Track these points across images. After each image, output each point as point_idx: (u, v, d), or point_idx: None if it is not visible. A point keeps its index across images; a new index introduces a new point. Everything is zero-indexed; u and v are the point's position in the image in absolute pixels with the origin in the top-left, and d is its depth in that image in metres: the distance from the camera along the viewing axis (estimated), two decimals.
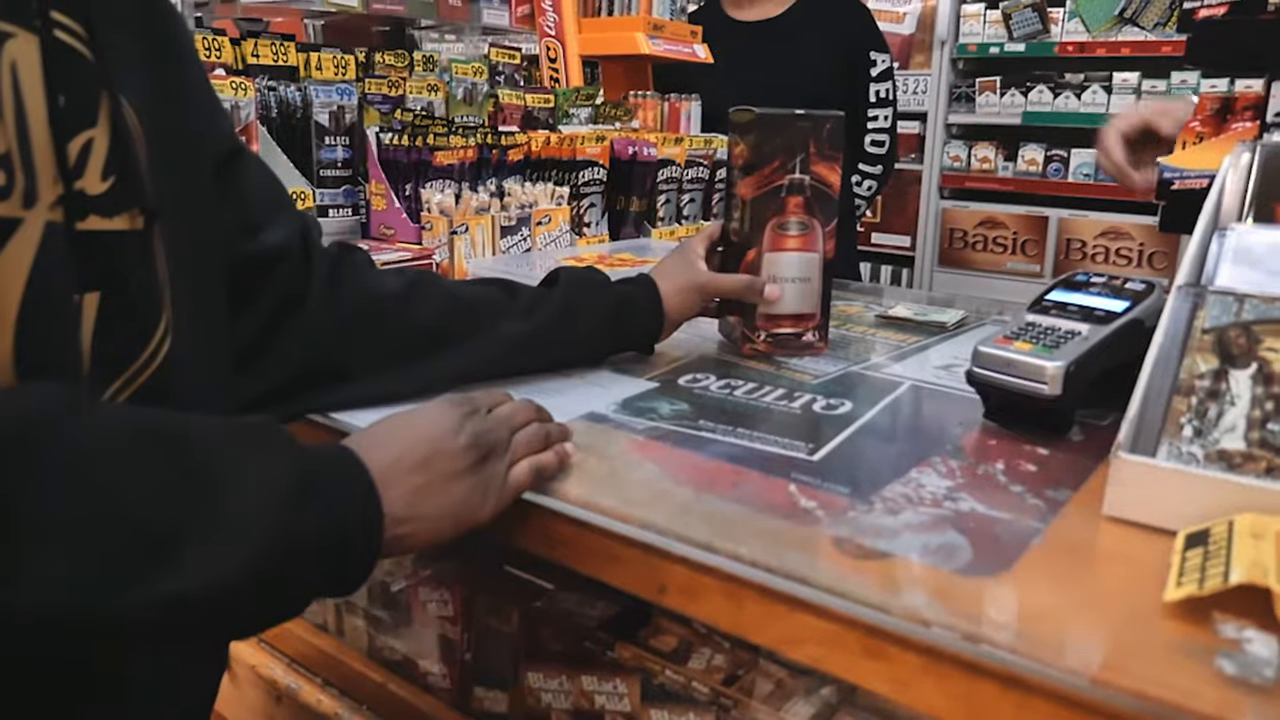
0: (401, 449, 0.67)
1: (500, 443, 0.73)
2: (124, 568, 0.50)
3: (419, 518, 0.65)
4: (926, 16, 3.45)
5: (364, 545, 0.62)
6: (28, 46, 0.56)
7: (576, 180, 1.44)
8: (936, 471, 0.79)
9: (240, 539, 0.54)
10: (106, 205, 0.63)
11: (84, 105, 0.61)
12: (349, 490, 0.62)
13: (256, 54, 1.38)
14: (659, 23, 1.82)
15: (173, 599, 0.51)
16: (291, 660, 1.06)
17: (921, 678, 0.58)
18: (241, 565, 0.54)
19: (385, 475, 0.64)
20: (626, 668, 0.80)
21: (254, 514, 0.55)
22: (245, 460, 0.57)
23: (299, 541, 0.57)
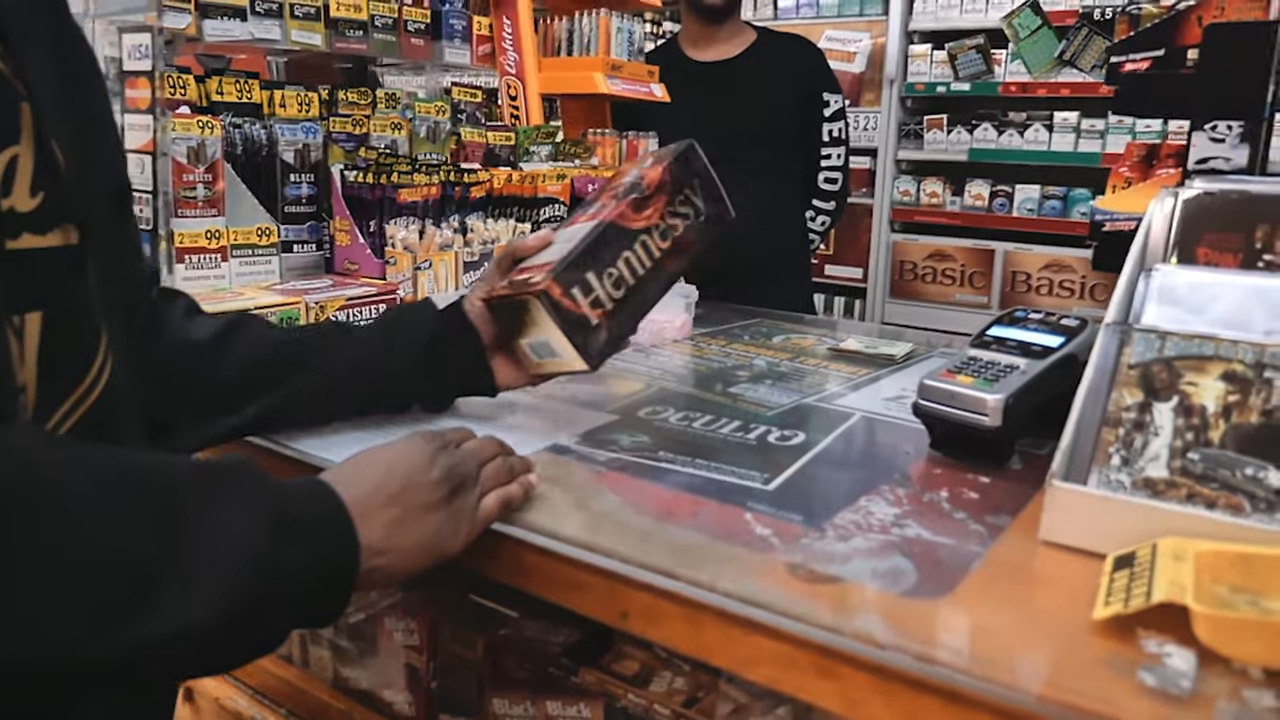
0: (376, 482, 0.68)
1: (470, 476, 0.74)
2: (97, 614, 0.50)
3: (395, 549, 0.67)
4: (876, 56, 3.56)
5: (342, 578, 0.63)
6: None
7: (538, 216, 1.48)
8: (885, 499, 0.83)
9: (215, 580, 0.54)
10: (39, 222, 0.61)
11: (5, 121, 0.59)
12: (326, 524, 0.63)
13: (221, 91, 1.40)
14: (617, 63, 1.87)
15: (145, 643, 0.51)
16: (255, 691, 1.07)
17: (871, 696, 0.62)
18: (216, 606, 0.54)
19: (361, 509, 0.65)
20: (590, 692, 0.82)
21: (229, 553, 0.55)
22: (220, 499, 0.57)
23: (276, 578, 0.57)
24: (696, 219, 0.99)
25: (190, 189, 1.21)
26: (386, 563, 0.66)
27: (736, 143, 2.31)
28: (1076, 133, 3.31)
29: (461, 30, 1.84)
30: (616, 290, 0.93)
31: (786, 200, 2.41)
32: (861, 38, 3.55)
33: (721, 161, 2.29)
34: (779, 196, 2.37)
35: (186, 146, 1.20)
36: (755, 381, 1.21)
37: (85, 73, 0.72)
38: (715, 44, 2.39)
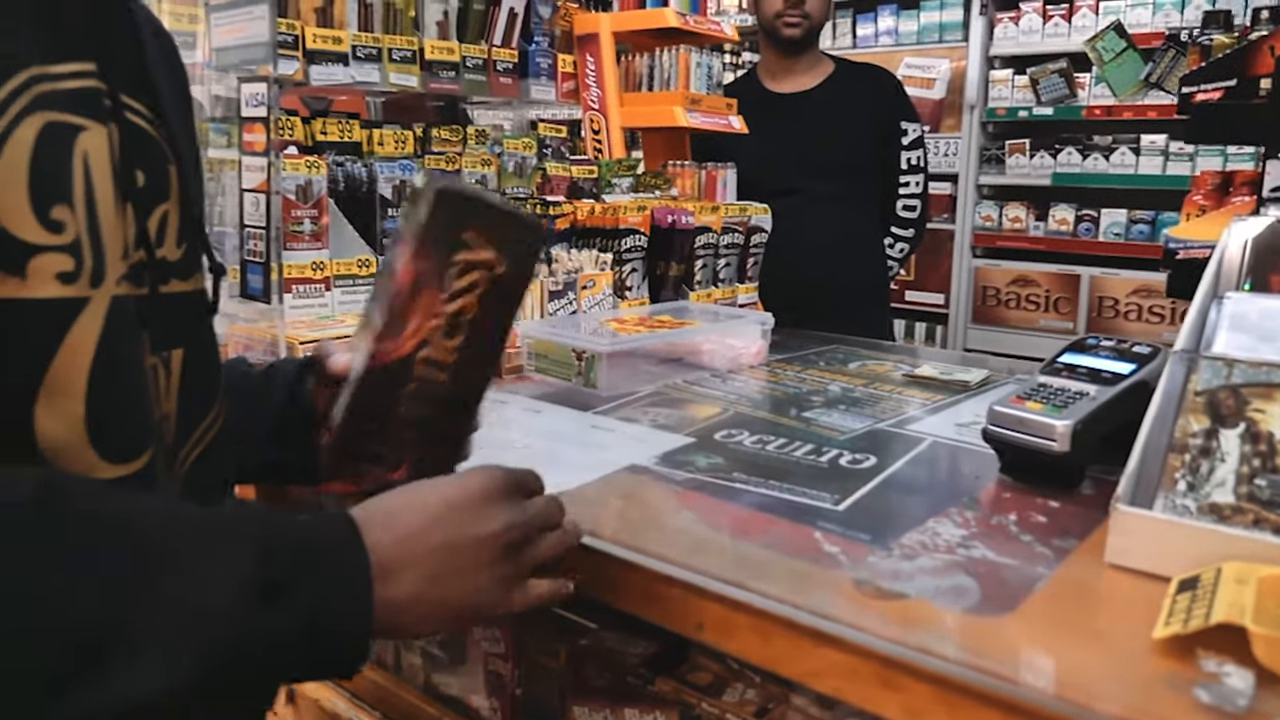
0: (420, 526, 0.63)
1: (531, 538, 0.69)
2: (32, 682, 0.48)
3: (425, 605, 0.62)
4: (956, 82, 3.55)
5: (348, 640, 0.59)
6: (98, 139, 0.59)
7: (619, 247, 1.54)
8: (952, 521, 0.85)
9: (175, 649, 0.51)
10: (183, 269, 0.69)
11: (159, 181, 0.66)
12: (331, 583, 0.58)
13: (325, 132, 1.50)
14: (696, 97, 1.93)
15: (85, 713, 0.48)
16: (352, 695, 1.14)
17: (932, 707, 0.65)
18: (175, 675, 0.51)
19: (391, 558, 0.61)
20: (666, 701, 0.86)
21: (194, 620, 0.52)
22: (201, 558, 0.54)
23: (250, 645, 0.54)
24: (497, 265, 0.74)
25: (298, 224, 1.30)
26: (412, 621, 0.62)
27: (813, 173, 2.35)
28: (1165, 155, 3.25)
29: (547, 68, 1.92)
30: (415, 430, 0.77)
31: (864, 229, 2.43)
32: (941, 64, 3.55)
33: (799, 191, 2.35)
34: (856, 225, 2.40)
35: (295, 185, 1.29)
36: (829, 406, 1.24)
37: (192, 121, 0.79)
38: (793, 75, 2.44)
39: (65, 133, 0.57)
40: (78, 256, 0.57)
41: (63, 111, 0.56)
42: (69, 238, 0.56)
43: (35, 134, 0.55)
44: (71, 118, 0.57)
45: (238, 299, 1.33)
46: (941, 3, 3.54)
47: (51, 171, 0.56)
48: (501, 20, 1.83)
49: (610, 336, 1.33)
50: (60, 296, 0.56)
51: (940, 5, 3.54)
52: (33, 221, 0.54)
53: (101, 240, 0.59)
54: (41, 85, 0.56)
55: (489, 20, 1.81)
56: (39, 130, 0.55)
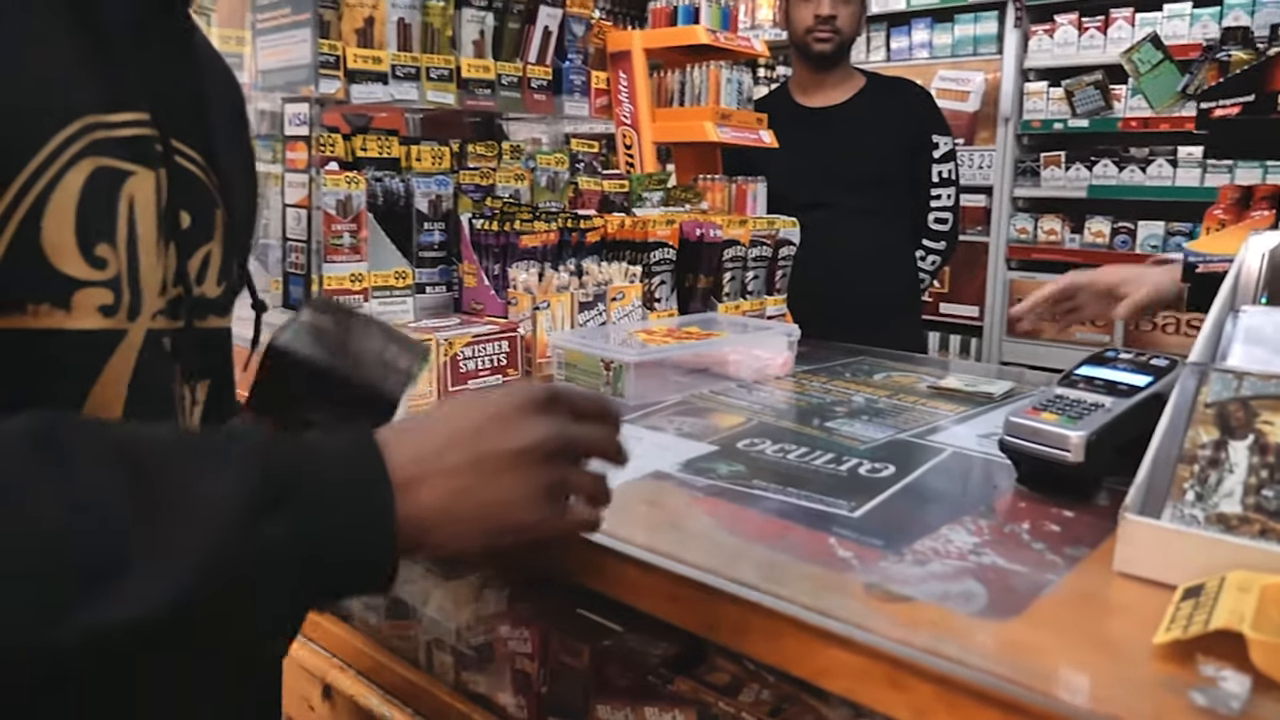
0: (446, 439, 0.61)
1: (570, 459, 0.66)
2: (41, 601, 0.48)
3: (454, 517, 0.60)
4: (990, 94, 3.55)
5: (368, 552, 0.57)
6: (146, 183, 0.64)
7: (648, 260, 1.57)
8: (965, 529, 0.87)
9: (176, 564, 0.50)
10: (220, 306, 0.74)
11: (204, 223, 0.71)
12: (346, 488, 0.57)
13: (365, 148, 1.55)
14: (727, 112, 1.96)
15: (95, 630, 0.49)
16: (386, 691, 1.18)
17: (937, 706, 0.67)
18: (176, 592, 0.50)
19: (417, 470, 0.59)
20: (685, 700, 0.89)
21: (193, 535, 0.51)
22: (202, 474, 0.53)
23: (255, 555, 0.53)
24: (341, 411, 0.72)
25: (338, 237, 1.35)
26: (444, 537, 0.60)
27: (844, 186, 2.37)
28: (1202, 167, 3.22)
29: (581, 85, 1.96)
30: None
31: (894, 241, 2.44)
32: (975, 77, 3.55)
33: (829, 205, 2.37)
34: (886, 238, 2.41)
35: (335, 200, 1.35)
36: (852, 417, 1.27)
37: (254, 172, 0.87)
38: (824, 90, 2.46)
39: (114, 177, 0.61)
40: (117, 291, 0.61)
41: (114, 158, 0.61)
42: (110, 274, 0.61)
43: (85, 178, 0.59)
44: (122, 163, 0.62)
45: (279, 309, 1.38)
46: (976, 16, 3.54)
47: (98, 213, 0.60)
48: (536, 38, 1.87)
49: (638, 347, 1.36)
50: (101, 328, 0.61)
51: (975, 18, 3.55)
52: (78, 258, 0.59)
53: (140, 277, 0.63)
54: (97, 133, 0.60)
55: (524, 39, 1.86)
56: (89, 174, 0.59)
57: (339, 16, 1.53)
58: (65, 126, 0.58)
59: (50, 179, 0.58)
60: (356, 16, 1.55)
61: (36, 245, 0.57)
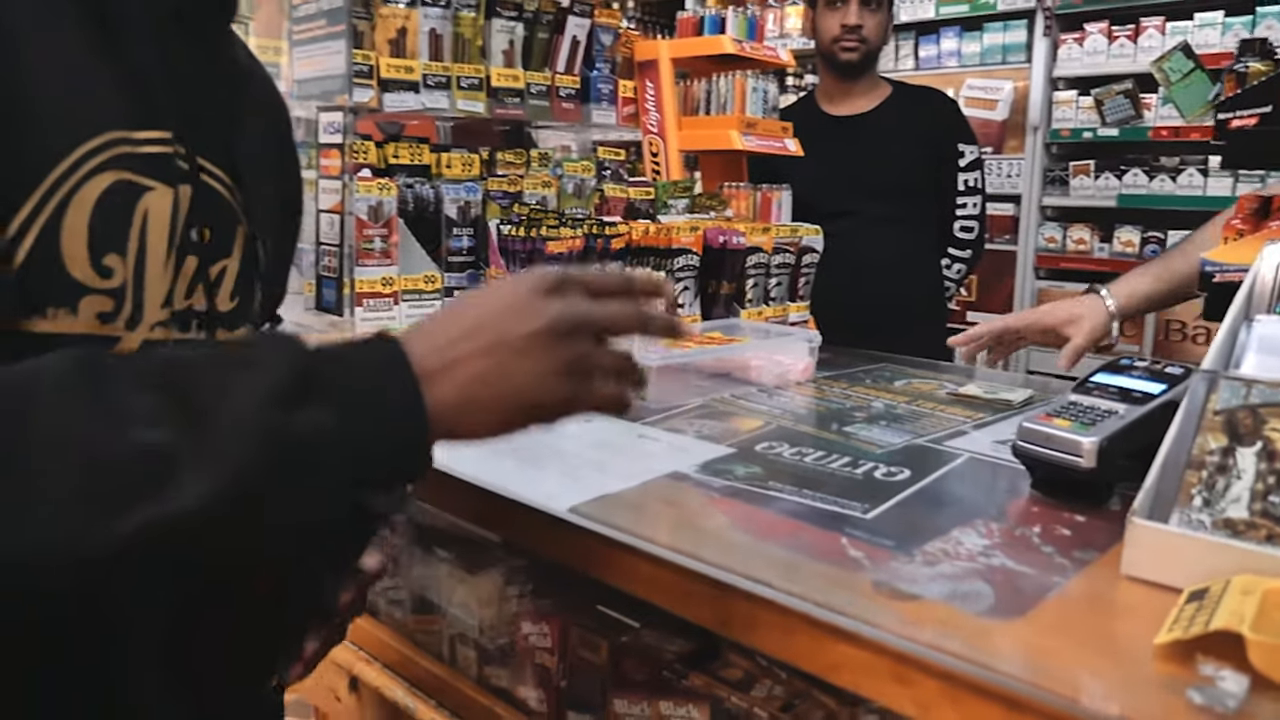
0: (462, 330, 0.62)
1: (589, 336, 0.65)
2: (108, 502, 0.50)
3: (480, 403, 0.61)
4: (1019, 103, 3.55)
5: (401, 436, 0.59)
6: (163, 199, 0.66)
7: (672, 266, 1.60)
8: (976, 532, 0.89)
9: (220, 458, 0.52)
10: (232, 320, 0.75)
11: (224, 239, 0.73)
12: (372, 380, 0.58)
13: (397, 155, 1.59)
14: (752, 120, 1.99)
15: (149, 527, 0.50)
16: (411, 684, 1.21)
17: (940, 701, 0.69)
18: (222, 484, 0.52)
19: (438, 361, 0.60)
20: (699, 695, 0.91)
21: (233, 430, 0.53)
22: (235, 375, 0.55)
23: (291, 448, 0.54)
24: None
25: (369, 242, 1.39)
26: (472, 423, 0.62)
27: (869, 194, 2.38)
28: (1234, 177, 3.19)
29: (608, 94, 2.00)
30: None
31: (917, 250, 2.45)
32: (1004, 85, 3.55)
33: (854, 213, 2.38)
34: (912, 246, 2.42)
35: (367, 206, 1.38)
36: (870, 422, 1.28)
37: (296, 200, 0.90)
38: (850, 98, 2.48)
39: (132, 191, 0.64)
40: (119, 299, 0.64)
41: (135, 173, 0.64)
42: (115, 283, 0.63)
43: (102, 190, 0.62)
44: (142, 179, 0.64)
45: (312, 311, 1.42)
46: (1005, 24, 3.54)
47: (111, 224, 0.63)
48: (564, 48, 1.91)
49: (659, 351, 1.39)
50: (94, 333, 0.63)
51: (1003, 27, 3.54)
52: (86, 265, 0.61)
53: (144, 288, 0.65)
54: (121, 148, 0.63)
55: (552, 48, 1.89)
56: (107, 187, 0.62)
57: (372, 27, 1.58)
58: (88, 140, 0.62)
59: (70, 189, 0.60)
60: (389, 27, 1.60)
61: (56, 251, 0.60)
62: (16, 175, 0.59)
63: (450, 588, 1.20)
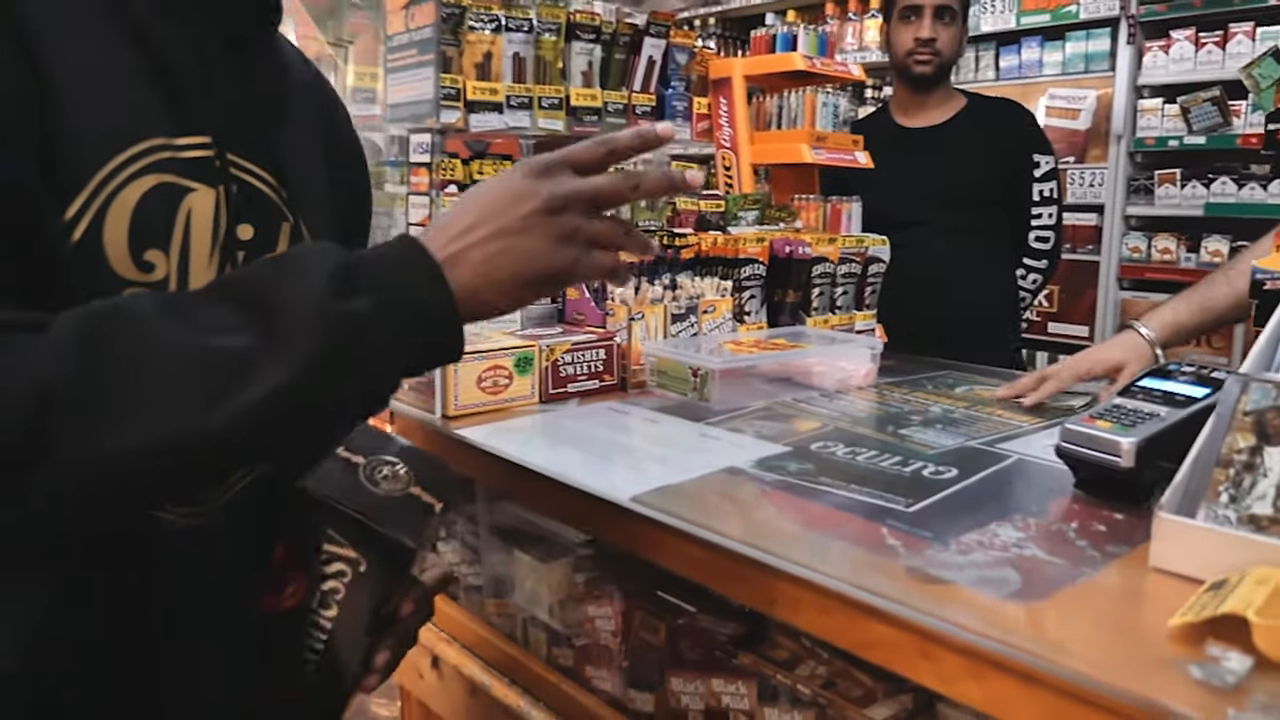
0: (467, 223, 0.70)
1: (576, 208, 0.71)
2: (202, 394, 0.59)
3: (494, 283, 0.69)
4: (1102, 112, 3.50)
5: (434, 317, 0.67)
6: (206, 199, 0.72)
7: (739, 275, 1.67)
8: (1013, 526, 0.94)
9: (291, 346, 0.61)
10: None
11: (268, 235, 0.78)
12: (402, 270, 0.67)
13: (481, 172, 1.70)
14: (822, 134, 2.04)
15: (246, 408, 0.60)
16: (486, 663, 1.30)
17: (961, 675, 0.74)
18: (296, 365, 0.61)
19: (453, 250, 0.68)
20: (747, 673, 0.98)
21: (297, 321, 0.62)
22: (284, 283, 0.64)
23: (348, 330, 0.63)
24: (360, 563, 0.81)
25: None
26: (491, 298, 0.70)
27: (941, 205, 2.40)
28: None
29: (683, 110, 2.08)
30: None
31: (991, 260, 2.45)
32: (1086, 95, 3.51)
33: (927, 223, 2.41)
34: (984, 256, 2.43)
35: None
36: (926, 425, 1.33)
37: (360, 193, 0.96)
38: (925, 110, 2.50)
39: (175, 192, 0.70)
40: (164, 291, 0.70)
41: (178, 175, 0.71)
42: (158, 276, 0.70)
43: (142, 192, 0.68)
44: (185, 181, 0.71)
45: None
46: (1088, 33, 3.50)
47: (153, 222, 0.69)
48: (641, 68, 2.00)
49: (724, 355, 1.46)
50: None
51: (1086, 35, 3.50)
52: (128, 262, 0.68)
53: (189, 282, 0.72)
54: (162, 153, 0.70)
55: (629, 68, 1.99)
56: (147, 189, 0.68)
57: (460, 52, 1.69)
58: (129, 147, 0.68)
59: (112, 190, 0.67)
60: (476, 52, 1.71)
61: (99, 247, 0.66)
62: (64, 179, 0.65)
63: (524, 575, 1.29)
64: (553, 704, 1.19)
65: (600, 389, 1.47)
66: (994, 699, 0.73)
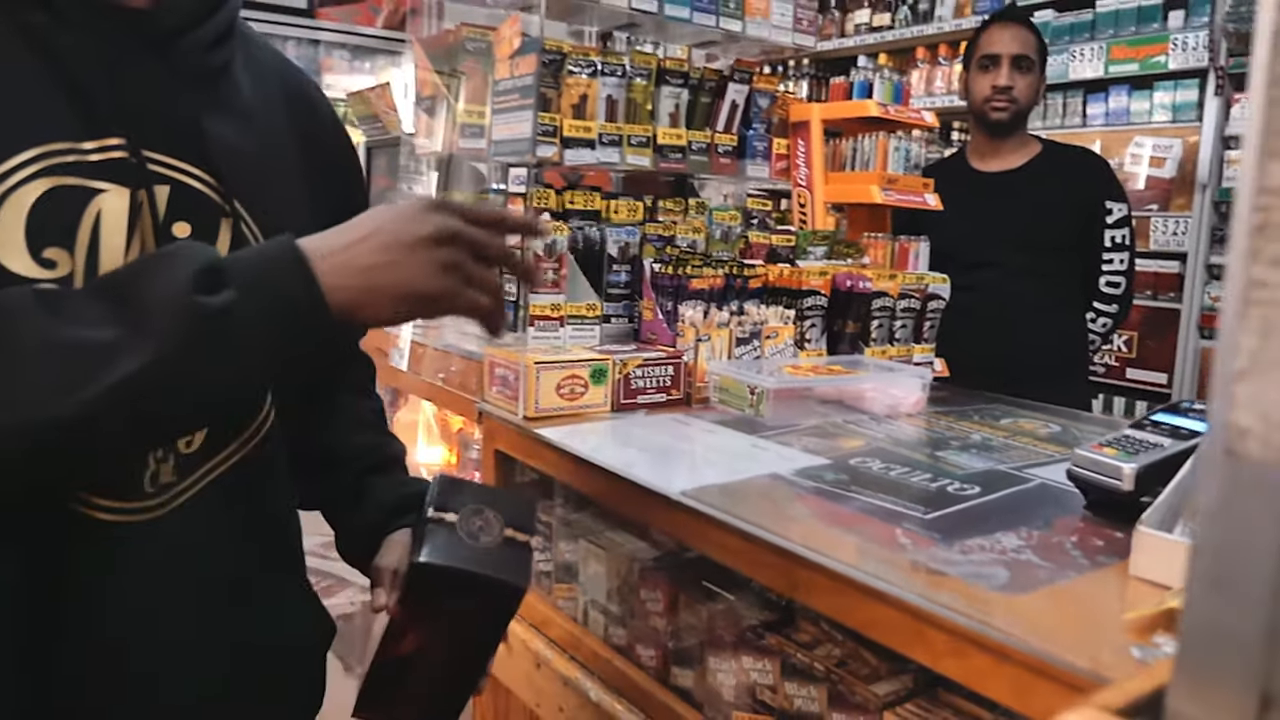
0: (358, 234, 0.75)
1: (464, 246, 0.78)
2: (68, 378, 0.65)
3: (373, 290, 0.74)
4: (1188, 161, 3.52)
5: (300, 304, 0.71)
6: (118, 199, 0.75)
7: (801, 305, 1.81)
8: (1018, 536, 1.05)
9: (152, 332, 0.66)
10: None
11: (206, 231, 0.81)
12: (269, 268, 0.72)
13: (573, 201, 1.88)
14: (893, 177, 2.16)
15: (108, 390, 0.65)
16: (550, 640, 1.46)
17: (947, 652, 0.86)
18: (159, 350, 0.66)
19: (339, 251, 0.74)
20: (772, 652, 1.11)
21: (160, 309, 0.67)
22: (155, 278, 0.69)
23: (206, 318, 0.67)
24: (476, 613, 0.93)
25: (544, 273, 1.68)
26: (369, 302, 0.75)
27: (1012, 248, 2.49)
28: None
29: (763, 150, 2.24)
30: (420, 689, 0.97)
31: (1059, 303, 2.52)
32: (1173, 143, 3.53)
33: (996, 265, 2.50)
34: (1050, 299, 2.50)
35: (544, 244, 1.67)
36: (963, 450, 1.44)
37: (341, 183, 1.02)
38: (1000, 155, 2.60)
39: (80, 193, 0.74)
40: (66, 288, 0.73)
41: (84, 177, 0.74)
42: (60, 273, 0.73)
43: (38, 195, 0.71)
44: (92, 182, 0.74)
45: None
46: (1176, 83, 3.53)
47: (52, 223, 0.72)
48: (724, 110, 2.16)
49: (781, 377, 1.60)
50: None
51: (1174, 85, 3.53)
52: (27, 259, 0.71)
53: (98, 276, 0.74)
54: (65, 157, 0.73)
55: (713, 111, 2.15)
56: (44, 191, 0.72)
57: (559, 94, 1.88)
58: (22, 152, 0.71)
59: (5, 192, 0.70)
60: (573, 94, 1.90)
61: None
62: None
63: (587, 562, 1.45)
64: (607, 678, 1.34)
65: (667, 402, 1.63)
66: (972, 673, 0.85)
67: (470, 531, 0.90)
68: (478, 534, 0.90)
